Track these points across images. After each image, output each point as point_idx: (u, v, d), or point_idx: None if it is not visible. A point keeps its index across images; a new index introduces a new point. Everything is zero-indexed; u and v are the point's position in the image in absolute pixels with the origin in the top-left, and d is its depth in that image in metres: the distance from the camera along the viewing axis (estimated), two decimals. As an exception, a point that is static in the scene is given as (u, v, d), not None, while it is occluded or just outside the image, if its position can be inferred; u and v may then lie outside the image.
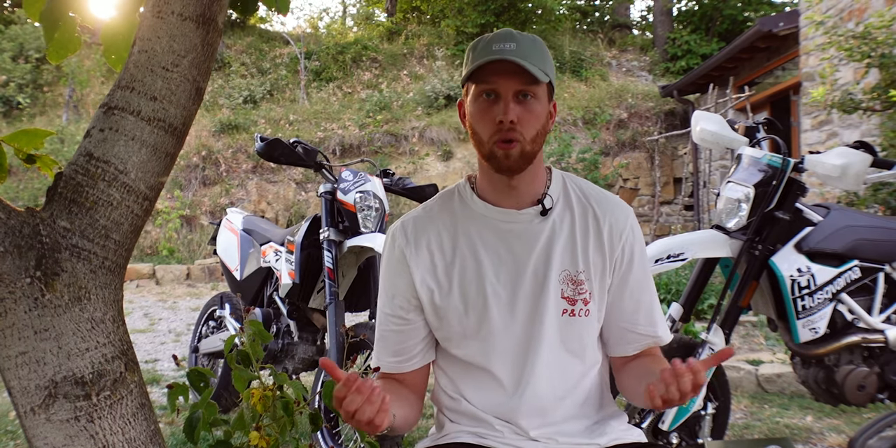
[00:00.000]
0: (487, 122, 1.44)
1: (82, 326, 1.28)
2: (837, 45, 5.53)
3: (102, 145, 1.33)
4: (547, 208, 1.52)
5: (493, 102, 1.44)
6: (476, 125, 1.47)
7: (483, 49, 1.43)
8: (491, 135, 1.44)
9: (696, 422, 2.76)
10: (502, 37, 1.43)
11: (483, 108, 1.45)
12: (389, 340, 1.57)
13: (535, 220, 1.52)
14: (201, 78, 1.42)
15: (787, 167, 2.71)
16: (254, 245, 3.92)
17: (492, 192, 1.54)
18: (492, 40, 1.44)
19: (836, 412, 3.81)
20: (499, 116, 1.42)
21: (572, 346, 1.52)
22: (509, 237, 1.52)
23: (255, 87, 15.06)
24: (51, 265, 1.26)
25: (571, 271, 1.51)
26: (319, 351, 3.56)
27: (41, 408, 1.25)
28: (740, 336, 5.40)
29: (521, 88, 1.42)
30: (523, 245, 1.51)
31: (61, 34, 1.77)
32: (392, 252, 1.56)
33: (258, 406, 1.55)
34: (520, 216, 1.52)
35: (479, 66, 1.42)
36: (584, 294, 1.51)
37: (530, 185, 1.53)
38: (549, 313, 1.49)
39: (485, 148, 1.46)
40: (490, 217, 1.53)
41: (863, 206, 5.07)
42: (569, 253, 1.51)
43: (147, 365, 5.33)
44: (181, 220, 11.70)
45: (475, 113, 1.47)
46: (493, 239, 1.52)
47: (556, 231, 1.52)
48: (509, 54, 1.40)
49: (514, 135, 1.42)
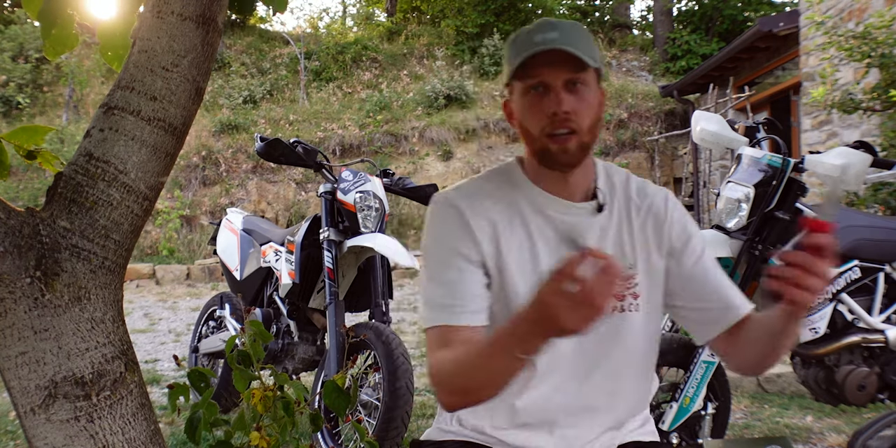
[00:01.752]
0: (538, 116, 1.36)
1: (82, 326, 1.28)
2: (837, 45, 5.53)
3: (102, 145, 1.33)
4: (602, 204, 1.46)
5: (542, 95, 1.35)
6: (526, 121, 1.39)
7: (524, 42, 1.35)
8: (543, 127, 1.36)
9: (696, 422, 2.76)
10: (543, 27, 1.35)
11: (533, 102, 1.36)
12: (451, 285, 1.38)
13: (590, 216, 1.46)
14: (201, 78, 1.41)
15: (788, 167, 2.71)
16: (254, 245, 3.92)
17: (544, 181, 1.46)
18: (532, 32, 1.36)
19: (836, 412, 3.81)
20: (551, 108, 1.34)
21: (623, 342, 1.45)
22: (564, 226, 1.44)
23: (255, 87, 15.06)
24: (51, 265, 1.26)
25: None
26: (319, 351, 3.56)
27: (41, 408, 1.25)
28: (740, 336, 5.39)
29: (571, 77, 1.34)
30: (578, 238, 1.45)
31: (59, 31, 1.77)
32: (450, 219, 1.43)
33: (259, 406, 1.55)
34: (575, 209, 1.45)
35: (524, 61, 1.33)
36: (633, 288, 1.45)
37: (584, 178, 1.46)
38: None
39: (536, 143, 1.38)
40: (545, 205, 1.45)
41: (863, 206, 5.07)
42: (618, 247, 1.46)
43: (147, 365, 5.33)
44: (181, 220, 11.71)
45: (525, 109, 1.38)
46: (548, 229, 1.45)
47: (606, 225, 1.46)
48: (555, 43, 1.32)
49: (570, 125, 1.34)
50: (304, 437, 3.15)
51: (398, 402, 2.83)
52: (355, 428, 1.62)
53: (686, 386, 2.66)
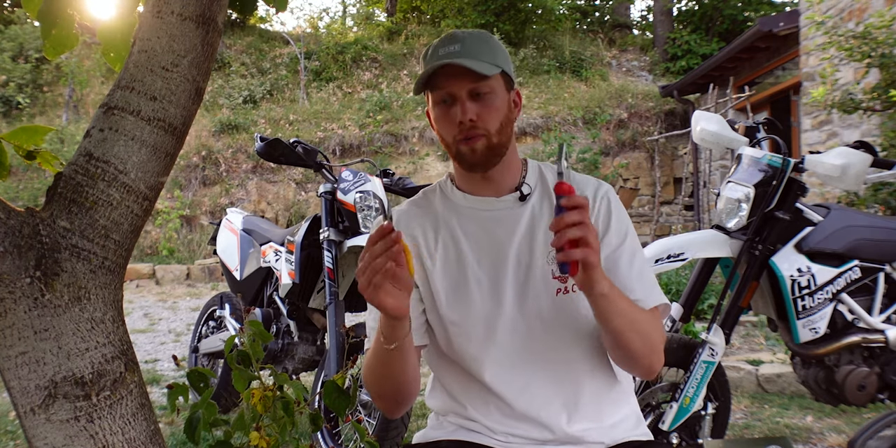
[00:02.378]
0: (449, 125, 1.48)
1: (82, 326, 1.28)
2: (837, 45, 5.53)
3: (102, 145, 1.33)
4: (525, 194, 1.55)
5: (450, 106, 1.48)
6: (441, 130, 1.51)
7: (431, 55, 1.48)
8: (454, 135, 1.48)
9: (696, 422, 2.76)
10: (446, 40, 1.48)
11: (443, 112, 1.49)
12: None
13: (514, 207, 1.55)
14: (201, 78, 1.41)
15: (788, 167, 2.71)
16: (254, 245, 3.92)
17: (469, 185, 1.58)
18: (437, 46, 1.48)
19: (836, 412, 3.81)
20: (458, 117, 1.46)
21: (573, 325, 1.50)
22: (489, 224, 1.54)
23: (255, 87, 15.06)
24: (50, 265, 1.26)
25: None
26: (319, 351, 3.56)
27: (41, 408, 1.25)
28: (740, 336, 5.40)
29: (472, 87, 1.45)
30: (504, 230, 1.53)
31: (59, 30, 1.77)
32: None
33: (259, 406, 1.54)
34: (499, 203, 1.56)
35: (428, 74, 1.45)
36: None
37: (505, 176, 1.56)
38: (541, 296, 1.49)
39: (451, 149, 1.51)
40: (470, 206, 1.57)
41: (863, 206, 5.07)
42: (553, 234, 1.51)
43: (147, 365, 5.33)
44: (181, 220, 11.71)
45: (437, 119, 1.51)
46: (473, 227, 1.55)
47: (536, 215, 1.54)
48: (453, 57, 1.44)
49: (476, 131, 1.46)
50: (304, 437, 3.15)
51: (398, 401, 2.83)
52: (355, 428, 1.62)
53: (686, 386, 2.66)
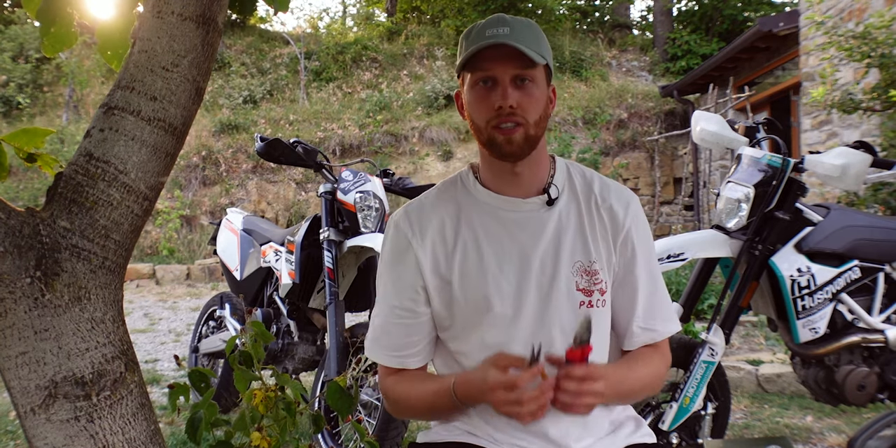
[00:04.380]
0: (485, 108, 1.40)
1: (82, 326, 1.28)
2: (837, 45, 5.52)
3: (102, 145, 1.33)
4: (553, 198, 1.48)
5: (490, 89, 1.40)
6: (474, 113, 1.43)
7: (476, 35, 1.39)
8: (489, 119, 1.40)
9: (696, 422, 2.76)
10: (495, 22, 1.39)
11: (481, 95, 1.41)
12: (393, 334, 1.50)
13: (541, 210, 1.48)
14: (201, 78, 1.41)
15: (787, 167, 2.71)
16: (254, 245, 3.92)
17: (495, 180, 1.50)
18: (485, 26, 1.40)
19: (835, 412, 3.81)
20: (497, 102, 1.38)
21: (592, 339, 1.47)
22: (513, 227, 1.47)
23: (255, 87, 15.06)
24: (51, 265, 1.26)
25: (584, 262, 1.46)
26: (319, 351, 3.56)
27: (41, 408, 1.25)
28: (740, 336, 5.40)
29: (518, 72, 1.39)
30: (529, 236, 1.46)
31: (58, 28, 1.77)
32: (396, 241, 1.51)
33: (260, 406, 1.54)
34: (525, 205, 1.48)
35: (473, 54, 1.38)
36: (599, 284, 1.46)
37: (534, 173, 1.49)
38: (563, 307, 1.44)
39: (483, 134, 1.42)
40: (493, 205, 1.49)
41: (863, 206, 5.07)
42: (580, 243, 1.47)
43: (147, 365, 5.33)
44: (181, 220, 11.70)
45: (473, 101, 1.43)
46: (496, 228, 1.48)
47: (563, 221, 1.48)
48: (503, 38, 1.36)
49: (515, 118, 1.38)
50: (305, 437, 3.15)
51: (398, 402, 2.83)
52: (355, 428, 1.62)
53: (686, 386, 2.66)
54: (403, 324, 1.50)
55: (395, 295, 1.50)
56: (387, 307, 1.51)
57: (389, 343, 1.51)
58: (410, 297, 1.49)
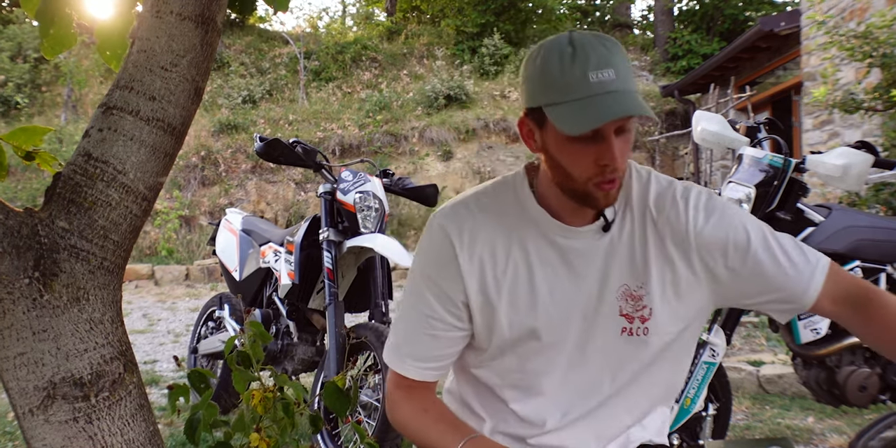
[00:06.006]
0: (587, 164, 1.25)
1: (81, 327, 1.28)
2: (839, 45, 5.53)
3: (101, 145, 1.33)
4: (609, 222, 1.37)
5: (591, 142, 1.23)
6: (570, 167, 1.27)
7: (576, 78, 1.20)
8: (590, 177, 1.26)
9: (696, 423, 2.76)
10: (598, 62, 1.20)
11: (580, 149, 1.24)
12: (420, 344, 1.40)
13: (596, 237, 1.37)
14: (200, 78, 1.41)
15: (789, 167, 2.71)
16: (253, 245, 3.92)
17: (557, 204, 1.37)
18: (586, 66, 1.20)
19: (837, 413, 3.81)
20: (604, 160, 1.23)
21: (630, 368, 1.39)
22: (569, 254, 1.36)
23: (255, 87, 15.07)
24: (49, 266, 1.26)
25: (631, 285, 1.37)
26: (319, 352, 3.56)
27: (39, 409, 1.25)
28: (741, 337, 5.40)
29: (622, 123, 1.23)
30: (582, 262, 1.36)
31: (57, 30, 1.77)
32: (441, 249, 1.38)
33: (259, 407, 1.54)
34: (581, 234, 1.36)
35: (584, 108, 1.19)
36: (641, 310, 1.36)
37: None
38: (606, 333, 1.37)
39: (578, 187, 1.28)
40: (550, 229, 1.37)
41: (864, 206, 5.07)
42: (628, 265, 1.37)
43: (146, 366, 5.33)
44: (180, 221, 11.70)
45: (570, 154, 1.26)
46: (550, 253, 1.37)
47: (615, 243, 1.37)
48: (613, 86, 1.19)
49: (617, 173, 1.26)
50: (304, 438, 3.15)
51: (398, 403, 2.83)
52: (355, 429, 1.62)
53: (687, 387, 2.66)
54: (435, 336, 1.39)
55: (433, 304, 1.39)
56: (418, 315, 1.40)
57: (414, 353, 1.41)
58: (450, 311, 1.39)
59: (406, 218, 11.85)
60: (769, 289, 1.37)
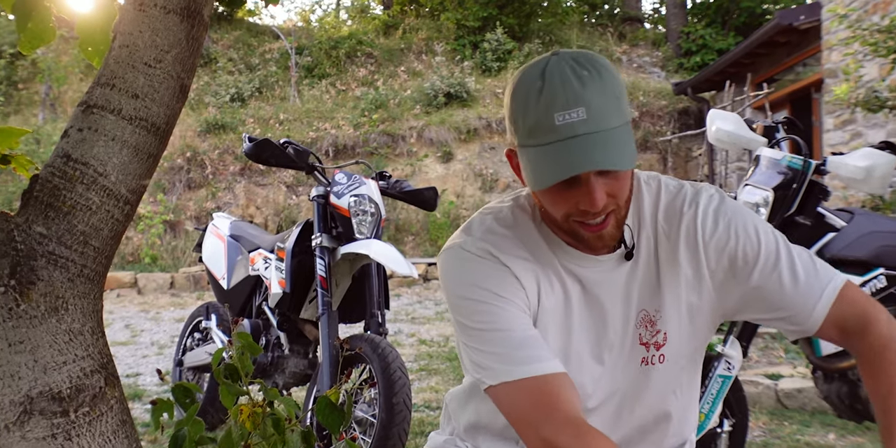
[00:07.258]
0: (567, 207, 1.23)
1: (59, 338, 1.28)
2: (862, 40, 5.54)
3: (81, 146, 1.33)
4: (630, 250, 1.34)
5: (568, 185, 1.20)
6: (548, 205, 1.26)
7: (545, 119, 1.16)
8: (570, 215, 1.24)
9: (711, 439, 2.76)
10: (566, 100, 1.15)
11: (557, 191, 1.22)
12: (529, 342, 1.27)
13: (617, 267, 1.35)
14: (186, 74, 1.42)
15: (809, 169, 2.72)
16: (242, 252, 3.92)
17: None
18: (552, 106, 1.16)
19: (860, 429, 3.80)
20: (582, 205, 1.20)
21: (646, 398, 1.40)
22: (593, 287, 1.35)
23: (244, 85, 15.08)
24: (26, 273, 1.26)
25: (649, 310, 1.36)
26: (311, 364, 3.56)
27: (16, 425, 1.24)
28: (758, 349, 5.40)
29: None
30: (605, 292, 1.35)
31: (34, 24, 1.77)
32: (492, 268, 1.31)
33: (247, 423, 1.54)
34: (601, 264, 1.35)
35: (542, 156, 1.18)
36: (656, 336, 1.36)
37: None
38: (627, 363, 1.37)
39: (566, 228, 1.28)
40: (572, 260, 1.35)
41: (888, 210, 5.07)
42: (647, 289, 1.36)
43: (128, 379, 5.32)
44: (164, 226, 11.70)
45: (547, 196, 1.25)
46: (577, 287, 1.35)
47: (633, 270, 1.36)
48: (581, 127, 1.15)
49: (605, 211, 1.23)
50: (295, 456, 3.14)
51: (395, 418, 2.83)
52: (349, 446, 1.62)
53: (701, 402, 2.66)
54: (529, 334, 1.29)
55: (509, 309, 1.29)
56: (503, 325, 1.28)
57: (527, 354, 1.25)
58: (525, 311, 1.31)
59: (403, 223, 11.86)
60: (772, 307, 1.35)
